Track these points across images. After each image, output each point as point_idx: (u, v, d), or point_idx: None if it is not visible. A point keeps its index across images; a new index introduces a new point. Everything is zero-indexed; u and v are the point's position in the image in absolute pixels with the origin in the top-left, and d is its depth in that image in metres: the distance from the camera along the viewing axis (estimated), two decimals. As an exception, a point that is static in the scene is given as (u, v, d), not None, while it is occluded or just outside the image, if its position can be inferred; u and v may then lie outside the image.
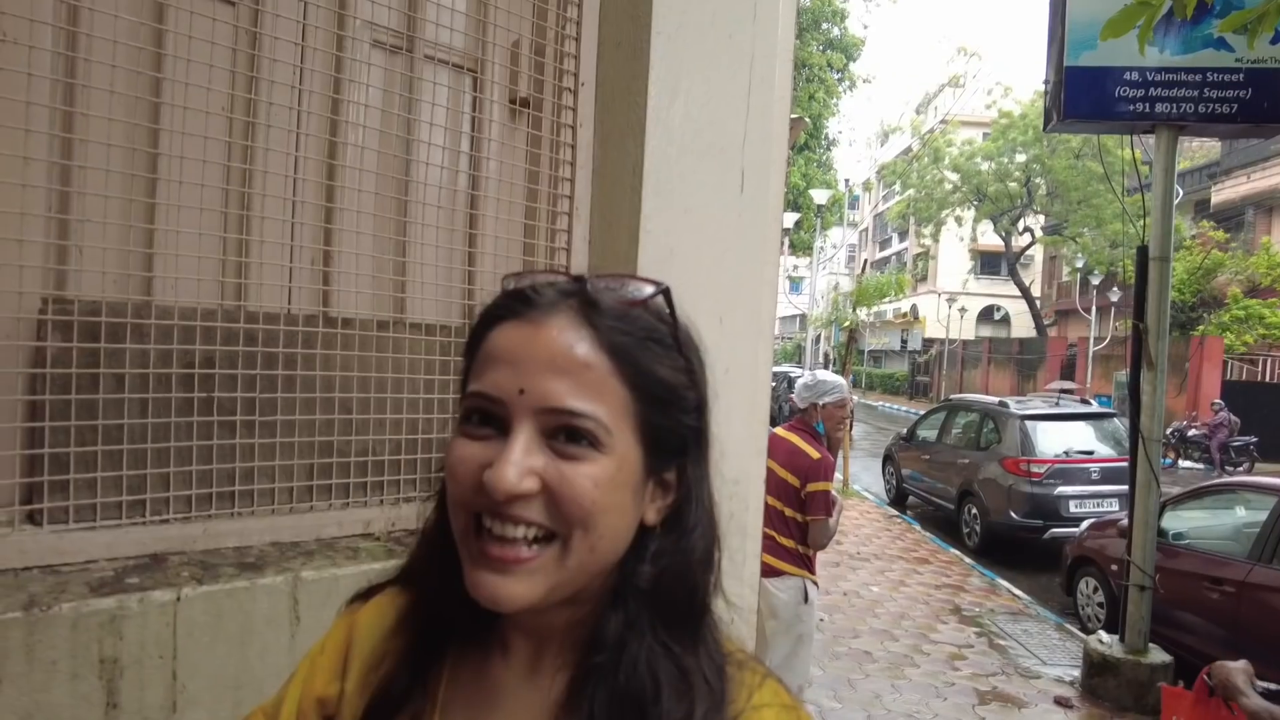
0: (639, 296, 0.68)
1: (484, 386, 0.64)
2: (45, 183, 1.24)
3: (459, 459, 0.64)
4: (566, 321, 0.64)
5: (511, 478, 0.60)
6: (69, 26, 1.23)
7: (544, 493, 0.62)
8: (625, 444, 0.65)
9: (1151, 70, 5.35)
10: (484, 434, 0.64)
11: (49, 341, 1.23)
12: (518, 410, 0.62)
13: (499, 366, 0.64)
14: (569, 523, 0.62)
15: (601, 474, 0.63)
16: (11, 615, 1.05)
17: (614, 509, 0.64)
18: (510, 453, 0.61)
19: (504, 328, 0.65)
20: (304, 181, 1.48)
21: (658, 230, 1.74)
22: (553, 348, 0.63)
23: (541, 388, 0.62)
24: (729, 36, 1.81)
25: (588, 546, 0.63)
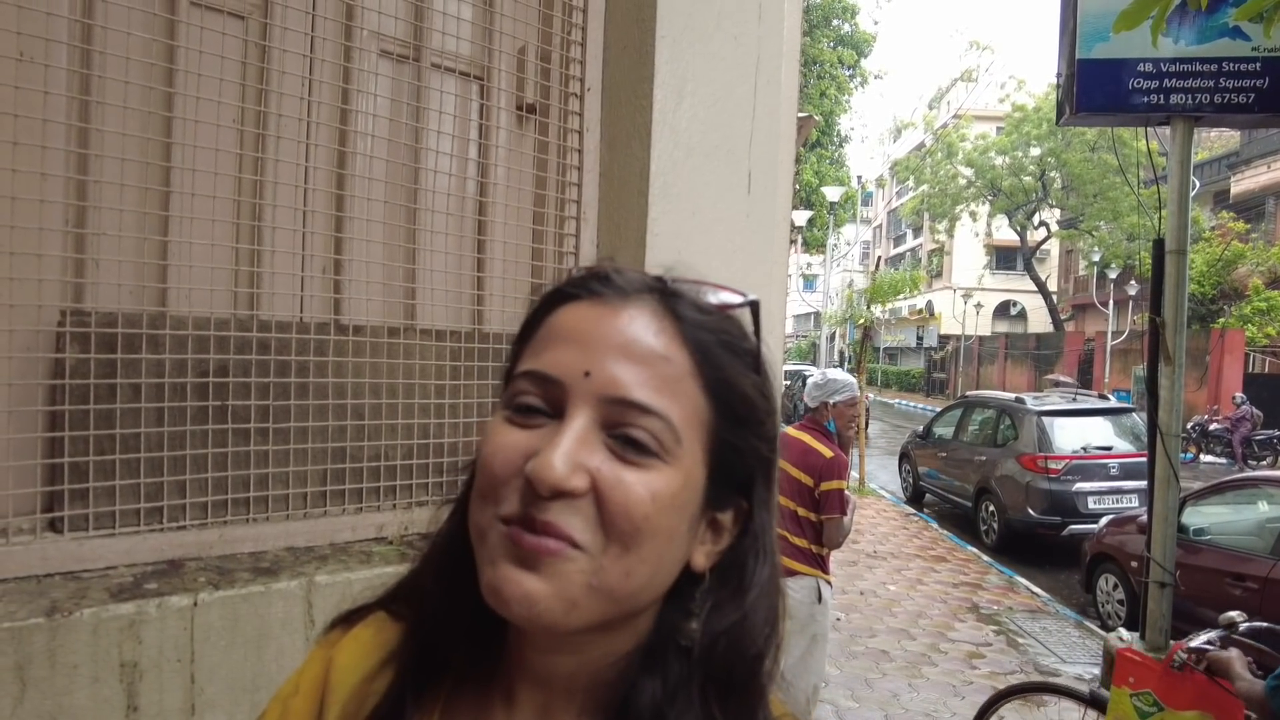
0: (728, 302, 0.60)
1: (541, 365, 0.56)
2: (62, 198, 1.26)
3: (498, 446, 0.55)
4: (648, 308, 0.57)
5: (560, 468, 0.51)
6: (83, 45, 1.26)
7: (592, 497, 0.53)
8: (692, 460, 0.56)
9: (1166, 61, 5.29)
10: (533, 421, 0.55)
11: (68, 353, 1.25)
12: (578, 394, 0.54)
13: (563, 345, 0.56)
14: (609, 535, 0.53)
15: (663, 488, 0.54)
16: (35, 621, 1.08)
17: (664, 533, 0.55)
18: (562, 439, 0.52)
19: (574, 306, 0.58)
20: (314, 191, 1.50)
21: (665, 233, 1.75)
22: (629, 332, 0.55)
23: (610, 373, 0.54)
24: (734, 38, 1.82)
25: (623, 570, 0.53)
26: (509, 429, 0.56)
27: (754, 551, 0.60)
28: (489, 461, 0.55)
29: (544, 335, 0.58)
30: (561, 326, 0.57)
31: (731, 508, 0.60)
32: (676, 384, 0.55)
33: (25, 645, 1.07)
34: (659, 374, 0.55)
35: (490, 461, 0.55)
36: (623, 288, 0.58)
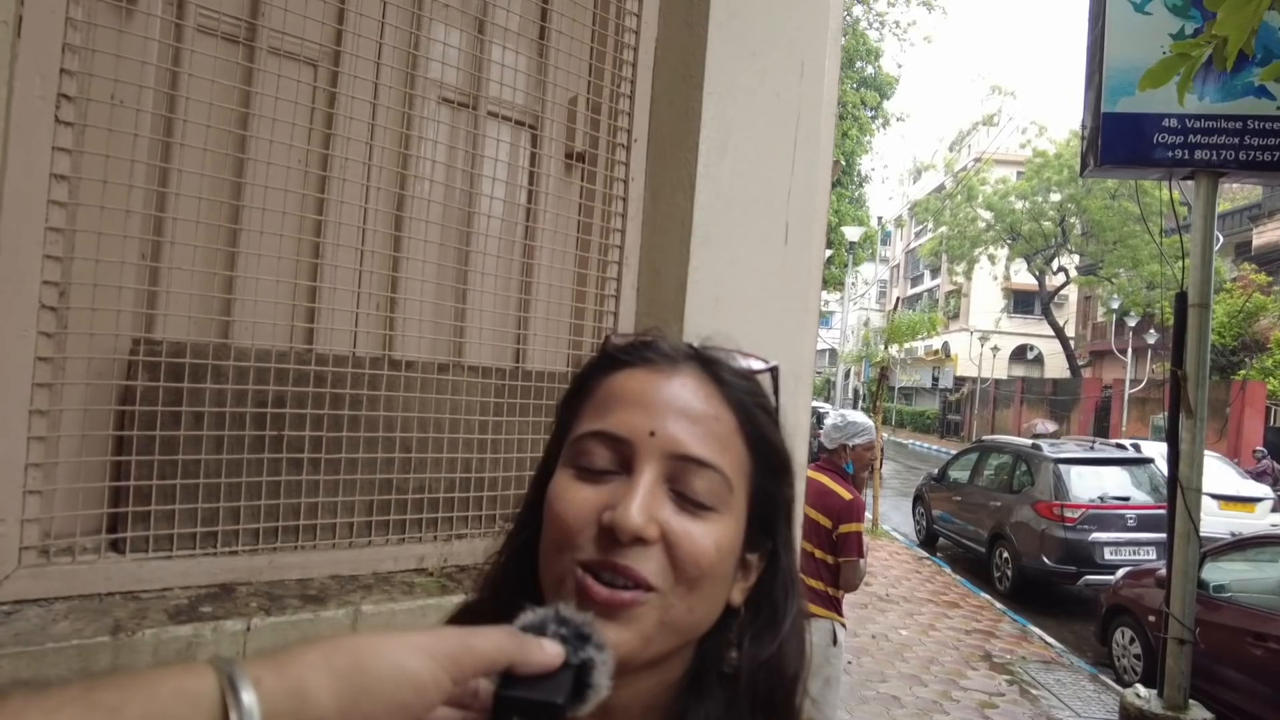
0: (755, 368, 0.69)
1: (609, 426, 0.62)
2: (140, 233, 1.33)
3: (570, 501, 0.61)
4: (696, 374, 0.64)
5: (639, 518, 0.57)
6: (170, 91, 1.33)
7: (662, 545, 0.59)
8: (740, 507, 0.63)
9: (1191, 117, 5.34)
10: (602, 479, 0.61)
11: (138, 381, 1.31)
12: (645, 452, 0.60)
13: (627, 408, 0.62)
14: (679, 579, 0.60)
15: (723, 537, 0.61)
16: (100, 639, 1.12)
17: (722, 577, 0.62)
18: (637, 492, 0.59)
19: (631, 373, 0.64)
20: (373, 232, 1.57)
21: (704, 280, 1.80)
22: (684, 396, 0.62)
23: (674, 433, 0.61)
24: (777, 95, 1.89)
25: (687, 607, 0.60)
26: (579, 485, 0.62)
27: (783, 587, 0.68)
28: (563, 513, 0.61)
29: (604, 399, 0.64)
30: (622, 391, 0.64)
31: (760, 549, 0.68)
32: (727, 440, 0.63)
33: (91, 663, 1.11)
34: (712, 432, 0.62)
35: (564, 514, 0.61)
36: (670, 355, 0.66)
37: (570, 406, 0.68)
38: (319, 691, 0.45)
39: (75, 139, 1.23)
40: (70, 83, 1.22)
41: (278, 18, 1.46)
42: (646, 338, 0.68)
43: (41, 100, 1.18)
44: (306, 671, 0.46)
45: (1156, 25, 5.22)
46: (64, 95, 1.21)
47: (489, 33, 1.70)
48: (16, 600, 1.17)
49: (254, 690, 0.43)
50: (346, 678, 0.46)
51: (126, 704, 0.41)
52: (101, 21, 1.27)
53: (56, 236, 1.22)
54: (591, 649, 0.55)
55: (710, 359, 0.67)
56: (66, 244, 1.23)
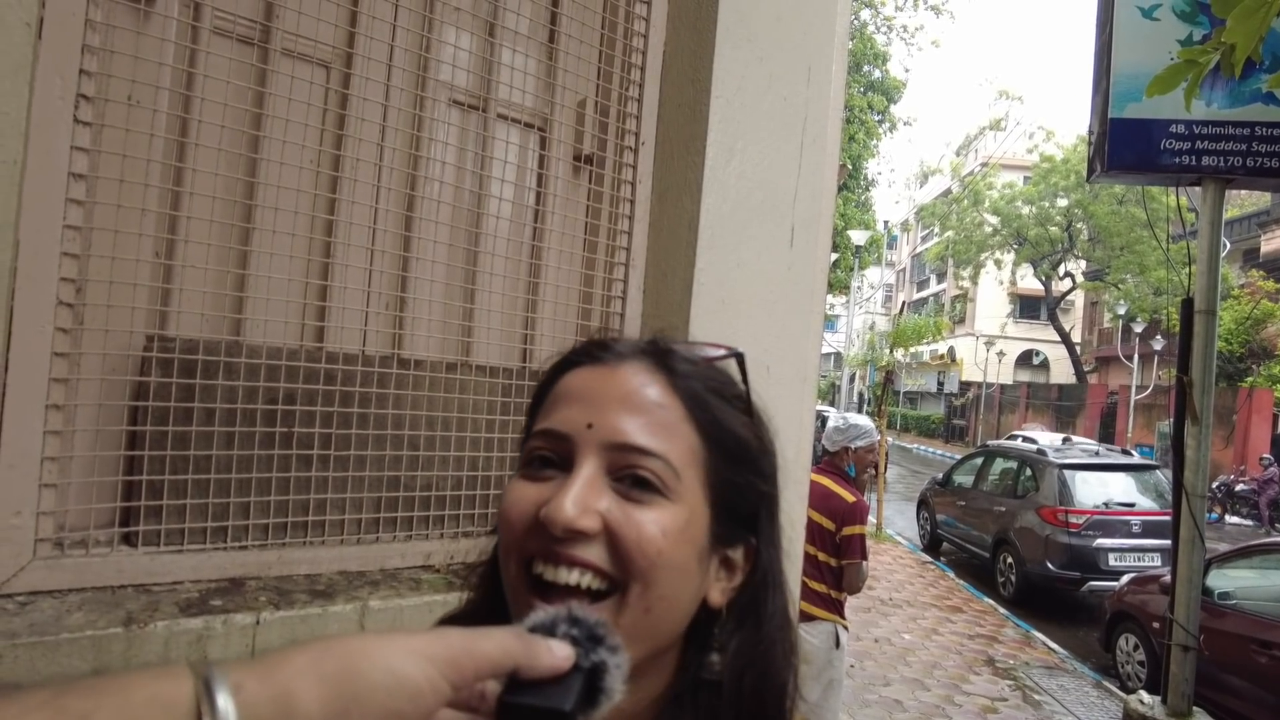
0: (710, 355, 0.68)
1: (550, 423, 0.62)
2: (155, 232, 1.35)
3: (514, 499, 0.61)
4: (641, 366, 0.64)
5: (570, 510, 0.57)
6: (185, 92, 1.35)
7: (605, 535, 0.58)
8: (694, 496, 0.62)
9: (1198, 123, 5.34)
10: (545, 475, 0.61)
11: (152, 376, 1.33)
12: (584, 445, 0.60)
13: (569, 404, 0.62)
14: (628, 571, 0.58)
15: (670, 522, 0.59)
16: (113, 631, 1.14)
17: (678, 567, 0.60)
18: (571, 485, 0.58)
19: (577, 371, 0.65)
20: (383, 232, 1.58)
21: (710, 282, 1.81)
22: (626, 386, 0.62)
23: (611, 422, 0.60)
24: (784, 99, 1.90)
25: (644, 606, 0.58)
26: (524, 484, 0.62)
27: (765, 586, 0.66)
28: (507, 514, 0.62)
29: (552, 399, 0.65)
30: (566, 388, 0.64)
31: (741, 544, 0.66)
32: (672, 427, 0.62)
33: (104, 653, 1.13)
34: (655, 420, 0.61)
35: (508, 513, 0.61)
36: (620, 352, 0.65)
37: (531, 413, 0.68)
38: (306, 698, 0.43)
39: (93, 138, 1.25)
40: (89, 83, 1.24)
41: (291, 20, 1.48)
42: (598, 338, 0.68)
43: (61, 100, 1.20)
44: (293, 677, 0.44)
45: (1164, 31, 5.22)
46: (83, 95, 1.23)
47: (499, 35, 1.72)
48: (32, 591, 1.19)
49: (232, 697, 0.41)
50: (336, 684, 0.44)
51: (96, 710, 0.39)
52: (119, 23, 1.29)
53: (74, 234, 1.24)
54: (604, 651, 0.53)
55: (662, 350, 0.66)
56: (83, 241, 1.25)
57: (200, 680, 0.41)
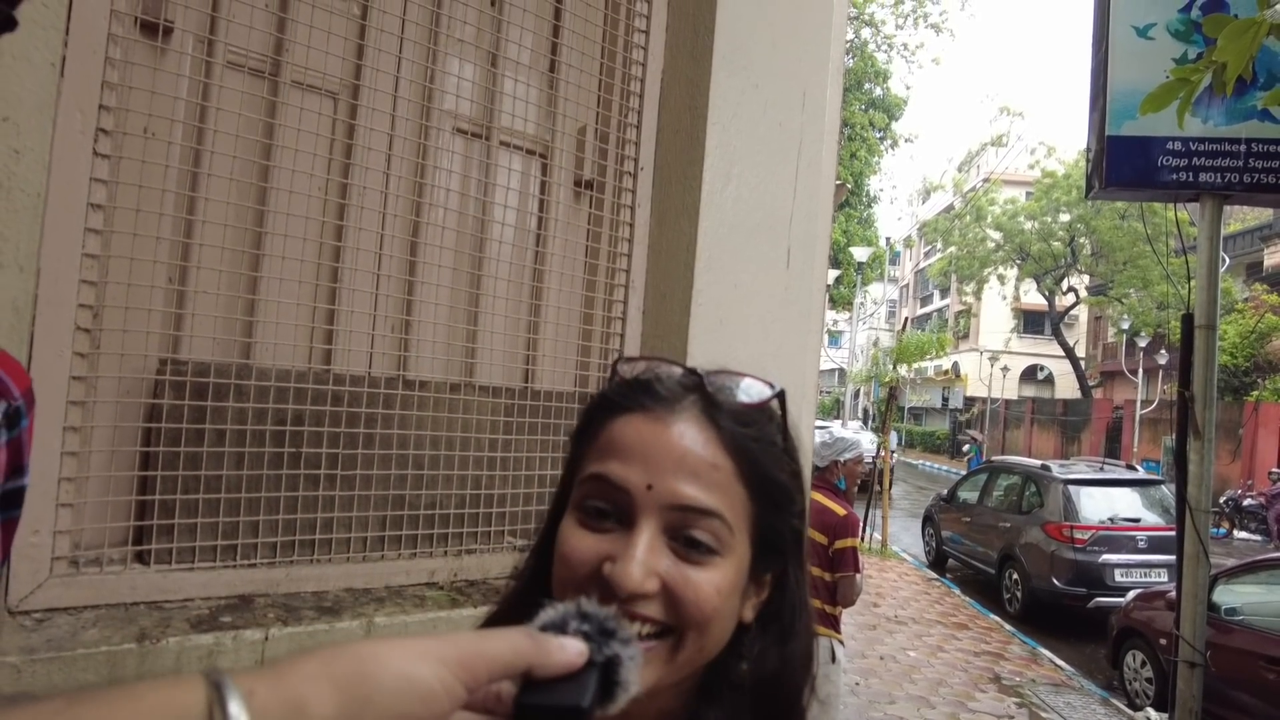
0: (759, 400, 0.69)
1: (610, 473, 0.64)
2: (169, 259, 1.40)
3: (575, 548, 0.64)
4: (693, 420, 0.65)
5: (637, 576, 0.60)
6: (199, 123, 1.41)
7: (663, 593, 0.62)
8: (742, 548, 0.65)
9: (1195, 140, 5.37)
10: (604, 526, 0.64)
11: (165, 399, 1.37)
12: (644, 506, 0.62)
13: (626, 459, 0.64)
14: (685, 623, 0.62)
15: (724, 581, 0.63)
16: (127, 646, 1.17)
17: (728, 614, 0.65)
18: (635, 550, 0.61)
19: (629, 419, 0.66)
20: (389, 257, 1.63)
21: (708, 303, 1.85)
22: (681, 446, 0.64)
23: (671, 485, 0.62)
24: (779, 124, 1.95)
25: (698, 647, 0.63)
26: (584, 533, 0.64)
27: (791, 604, 0.71)
28: (568, 559, 0.64)
29: (605, 445, 0.66)
30: (620, 439, 0.65)
31: (771, 568, 0.70)
32: (726, 487, 0.64)
33: (118, 668, 1.16)
34: (711, 480, 0.64)
35: (569, 560, 0.64)
36: (668, 399, 0.66)
37: (578, 441, 0.70)
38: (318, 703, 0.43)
39: (111, 170, 1.30)
40: (108, 118, 1.29)
41: (300, 53, 1.53)
42: (646, 376, 0.69)
43: (81, 135, 1.26)
44: (304, 682, 0.43)
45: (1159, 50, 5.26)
46: (101, 129, 1.28)
47: (501, 65, 1.78)
48: (48, 608, 1.23)
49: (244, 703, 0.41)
50: (348, 688, 0.44)
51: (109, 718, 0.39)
52: (137, 59, 1.35)
53: (92, 262, 1.28)
54: (617, 644, 0.53)
55: (710, 399, 0.67)
56: (101, 269, 1.30)
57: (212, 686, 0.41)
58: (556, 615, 0.54)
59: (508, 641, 0.50)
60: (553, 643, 0.52)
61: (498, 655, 0.49)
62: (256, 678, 0.43)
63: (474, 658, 0.48)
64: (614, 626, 0.54)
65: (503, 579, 1.70)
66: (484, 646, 0.49)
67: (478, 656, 0.48)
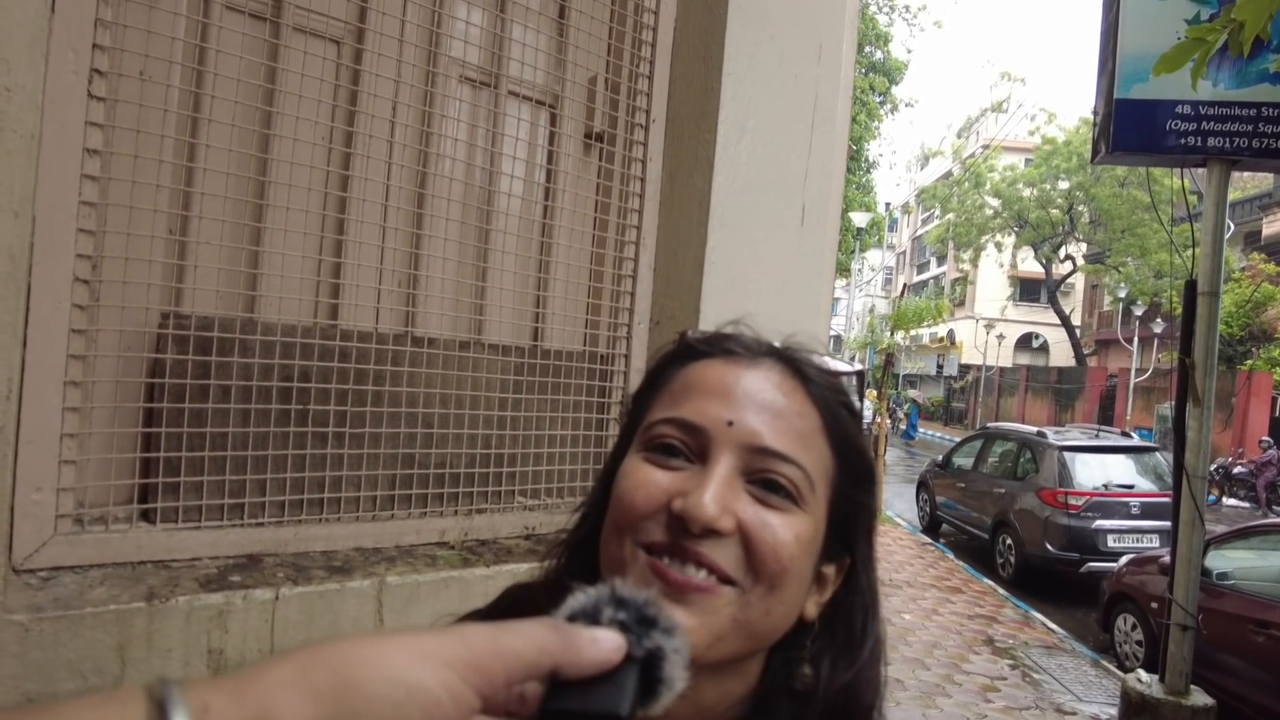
0: (841, 369, 0.67)
1: (685, 413, 0.59)
2: (170, 208, 1.35)
3: (641, 483, 0.58)
4: (778, 369, 0.62)
5: (713, 508, 0.54)
6: (198, 66, 1.35)
7: (739, 536, 0.56)
8: (820, 510, 0.60)
9: (1204, 104, 5.29)
10: (674, 464, 0.59)
11: (168, 354, 1.33)
12: (722, 442, 0.57)
13: (705, 397, 0.59)
14: (759, 575, 0.56)
15: (804, 531, 0.58)
16: (136, 605, 1.15)
17: (801, 578, 0.59)
18: (711, 482, 0.56)
19: (709, 363, 0.62)
20: (395, 209, 1.58)
21: (721, 260, 1.81)
22: (766, 388, 0.60)
23: (752, 424, 0.58)
24: (794, 77, 1.89)
25: (765, 609, 0.57)
26: (650, 468, 0.59)
27: (862, 608, 0.64)
28: (630, 495, 0.58)
29: (681, 387, 0.61)
30: (700, 380, 0.61)
31: (836, 561, 0.64)
32: (810, 438, 0.60)
33: (127, 627, 1.14)
34: (794, 427, 0.59)
35: (632, 496, 0.58)
36: (752, 349, 0.63)
37: (644, 397, 0.65)
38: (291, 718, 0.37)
39: (107, 114, 1.25)
40: (102, 58, 1.23)
41: (302, -5, 1.47)
42: (727, 330, 0.66)
43: (75, 75, 1.20)
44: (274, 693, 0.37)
45: (1172, 11, 5.16)
46: (96, 70, 1.22)
47: (510, 11, 1.71)
48: (54, 566, 1.20)
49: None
50: (331, 699, 0.37)
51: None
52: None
53: (89, 210, 1.23)
54: (659, 635, 0.46)
55: (793, 356, 0.64)
56: (99, 218, 1.25)
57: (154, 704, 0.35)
58: (588, 601, 0.47)
59: (529, 636, 0.43)
60: (583, 636, 0.44)
61: (517, 654, 0.42)
62: (214, 689, 0.36)
63: (488, 658, 0.41)
64: (654, 613, 0.47)
65: (514, 538, 1.68)
66: (500, 644, 0.42)
67: (493, 656, 0.41)
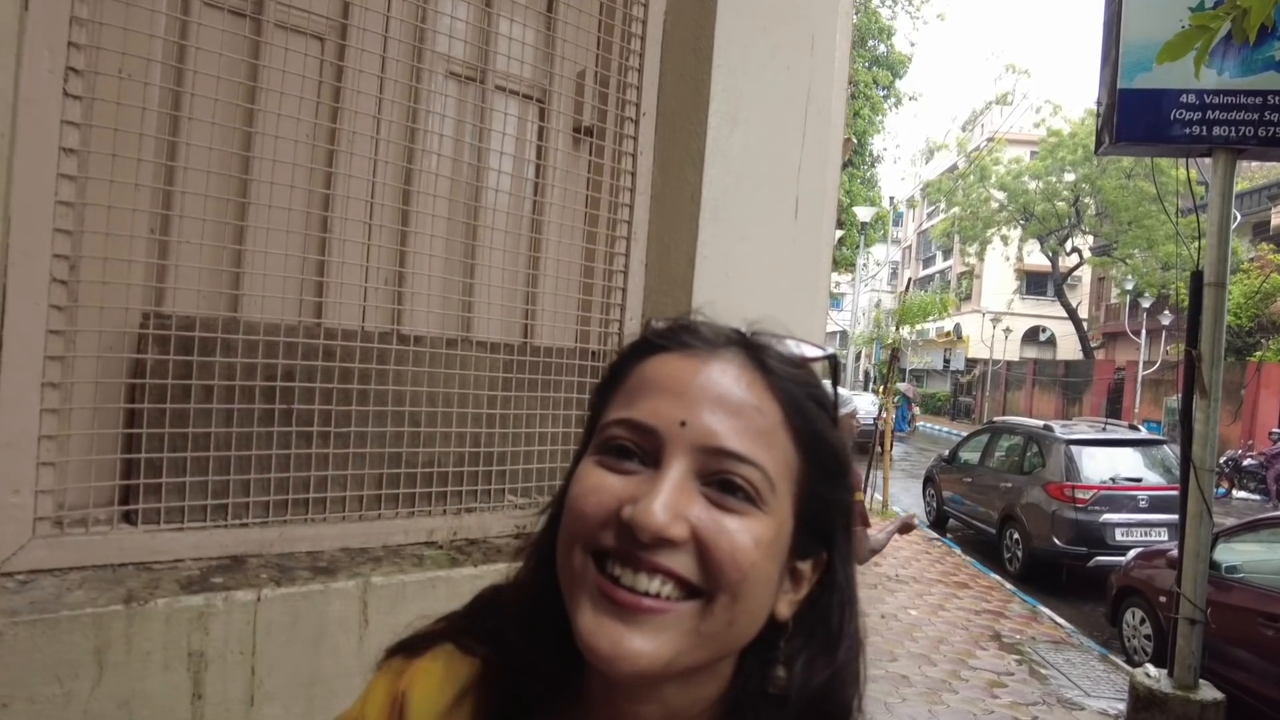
0: (807, 355, 0.61)
1: (637, 414, 0.56)
2: (150, 207, 1.33)
3: (591, 489, 0.56)
4: (737, 360, 0.58)
5: (662, 516, 0.52)
6: (178, 64, 1.33)
7: (693, 544, 0.53)
8: (783, 510, 0.57)
9: (1209, 93, 5.24)
10: (627, 468, 0.56)
11: (149, 354, 1.32)
12: (674, 444, 0.54)
13: (657, 395, 0.56)
14: (718, 583, 0.54)
15: (763, 534, 0.55)
16: (114, 608, 1.13)
17: (765, 582, 0.56)
18: (661, 488, 0.53)
19: (665, 357, 0.59)
20: (381, 206, 1.56)
21: (714, 255, 1.79)
22: (723, 383, 0.56)
23: (706, 423, 0.54)
24: (787, 69, 1.87)
25: (728, 618, 0.54)
26: (602, 472, 0.56)
27: (839, 605, 0.61)
28: (581, 503, 0.56)
29: (635, 385, 0.58)
30: (654, 376, 0.57)
31: (811, 558, 0.61)
32: (769, 435, 0.56)
33: (105, 630, 1.12)
34: (752, 425, 0.55)
35: (582, 503, 0.55)
36: (710, 340, 0.59)
37: (603, 394, 0.62)
38: None
39: (84, 113, 1.23)
40: (78, 56, 1.21)
41: (284, -9, 1.45)
42: (685, 321, 0.62)
43: (50, 74, 1.18)
44: None
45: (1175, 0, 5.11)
46: (72, 69, 1.21)
47: (496, 5, 1.69)
48: (32, 570, 1.19)
49: None
50: None
51: None
52: (108, -7, 1.27)
53: (66, 210, 1.22)
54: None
55: (756, 344, 0.60)
56: (76, 218, 1.24)
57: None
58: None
59: None
60: None
61: None
62: None
63: None
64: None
65: (504, 538, 1.66)
66: None
67: None
